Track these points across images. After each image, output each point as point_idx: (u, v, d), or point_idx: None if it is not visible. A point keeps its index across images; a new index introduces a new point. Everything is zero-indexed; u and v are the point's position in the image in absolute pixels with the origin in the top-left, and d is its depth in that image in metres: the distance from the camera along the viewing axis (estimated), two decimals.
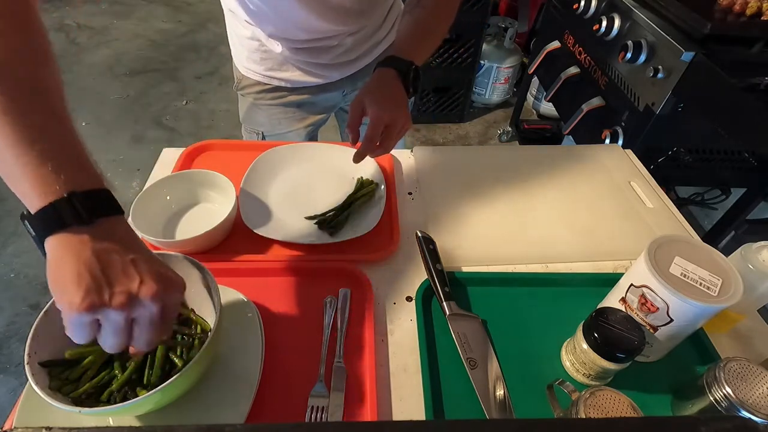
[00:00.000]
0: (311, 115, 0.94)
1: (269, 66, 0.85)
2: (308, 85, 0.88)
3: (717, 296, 0.46)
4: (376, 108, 0.62)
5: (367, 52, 0.88)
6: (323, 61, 0.84)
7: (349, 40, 0.83)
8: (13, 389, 1.33)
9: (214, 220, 0.61)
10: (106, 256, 0.34)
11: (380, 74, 0.66)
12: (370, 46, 0.88)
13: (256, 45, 0.83)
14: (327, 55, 0.84)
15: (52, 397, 0.39)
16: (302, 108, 0.92)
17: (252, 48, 0.84)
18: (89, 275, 0.33)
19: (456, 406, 0.50)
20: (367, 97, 0.64)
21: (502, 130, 2.36)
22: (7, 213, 1.80)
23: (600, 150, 0.91)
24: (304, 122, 0.94)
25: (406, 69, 0.66)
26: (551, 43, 1.67)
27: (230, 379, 0.49)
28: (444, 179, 0.79)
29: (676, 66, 1.07)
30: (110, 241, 0.35)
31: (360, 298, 0.59)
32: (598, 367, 0.49)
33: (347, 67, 0.88)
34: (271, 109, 0.91)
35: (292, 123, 0.93)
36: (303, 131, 0.95)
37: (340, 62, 0.86)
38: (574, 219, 0.74)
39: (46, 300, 0.43)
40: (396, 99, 0.64)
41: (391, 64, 0.66)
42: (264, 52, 0.84)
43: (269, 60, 0.85)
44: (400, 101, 0.65)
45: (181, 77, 2.67)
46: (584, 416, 0.42)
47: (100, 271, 0.33)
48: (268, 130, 0.94)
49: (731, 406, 0.43)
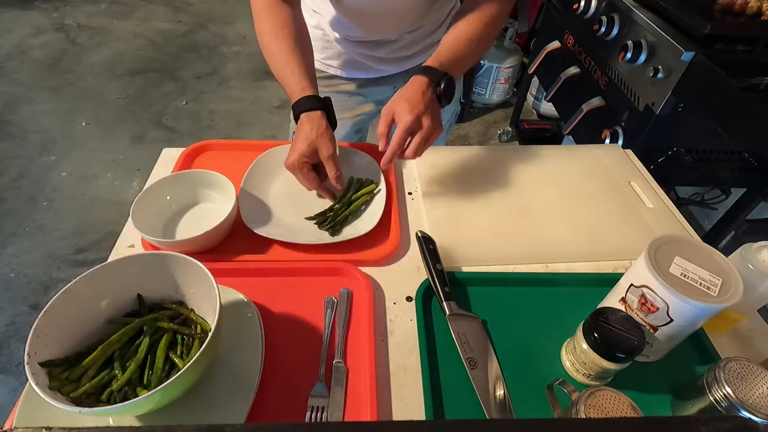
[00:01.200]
0: (360, 105, 0.98)
1: (328, 54, 0.90)
2: (362, 77, 0.93)
3: (717, 296, 0.46)
4: (404, 113, 0.64)
5: (421, 51, 0.91)
6: (380, 54, 0.88)
7: (406, 37, 0.86)
8: (13, 389, 1.33)
9: (214, 220, 0.61)
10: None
11: (413, 82, 0.68)
12: (426, 45, 0.91)
13: (320, 34, 0.88)
14: (383, 49, 0.88)
15: (52, 397, 0.39)
16: (353, 98, 0.96)
17: (316, 36, 0.87)
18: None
19: (456, 406, 0.50)
20: (398, 102, 0.65)
21: (502, 130, 2.36)
22: (7, 213, 1.80)
23: (600, 150, 0.91)
24: (352, 112, 0.98)
25: (438, 79, 0.67)
26: (551, 43, 1.67)
27: (230, 379, 0.49)
28: (444, 179, 0.79)
29: (676, 66, 1.07)
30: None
31: (360, 298, 0.59)
32: (598, 367, 0.49)
33: (402, 62, 0.92)
34: (324, 95, 0.95)
35: (341, 112, 0.96)
36: (350, 121, 0.99)
37: (396, 57, 0.90)
38: (574, 219, 0.74)
39: (46, 300, 0.43)
40: (427, 106, 0.65)
41: (426, 73, 0.68)
42: (326, 41, 0.89)
43: (329, 49, 0.90)
44: (431, 108, 0.66)
45: (181, 77, 2.67)
46: (584, 416, 0.42)
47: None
48: None
49: (731, 406, 0.43)
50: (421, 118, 0.64)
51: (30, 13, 3.12)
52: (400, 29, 0.84)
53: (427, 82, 0.67)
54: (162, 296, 0.52)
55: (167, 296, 0.52)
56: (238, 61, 2.83)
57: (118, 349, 0.47)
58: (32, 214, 1.81)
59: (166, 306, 0.52)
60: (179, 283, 0.51)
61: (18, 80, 2.51)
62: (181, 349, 0.48)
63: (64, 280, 1.59)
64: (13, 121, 2.24)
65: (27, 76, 2.55)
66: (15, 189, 1.91)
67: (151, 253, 0.51)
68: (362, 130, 1.05)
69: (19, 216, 1.80)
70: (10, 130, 2.18)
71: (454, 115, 1.11)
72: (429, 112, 0.65)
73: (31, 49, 2.77)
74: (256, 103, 2.52)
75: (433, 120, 0.65)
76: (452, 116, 1.10)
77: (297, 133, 0.68)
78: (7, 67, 2.60)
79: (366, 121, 1.03)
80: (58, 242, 1.72)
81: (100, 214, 1.83)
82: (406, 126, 0.63)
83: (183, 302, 0.52)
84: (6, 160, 2.03)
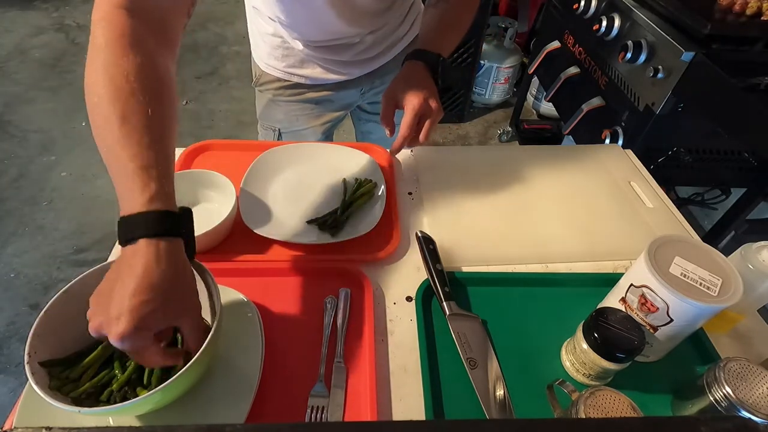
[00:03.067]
0: (329, 112, 0.95)
1: (290, 63, 0.86)
2: (327, 82, 0.89)
3: (717, 296, 0.46)
4: (411, 96, 0.63)
5: (386, 50, 0.90)
6: (343, 58, 0.86)
7: (369, 38, 0.84)
8: (13, 389, 1.33)
9: (214, 220, 0.60)
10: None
11: (409, 66, 0.67)
12: (390, 44, 0.89)
13: (278, 42, 0.84)
14: (347, 52, 0.85)
15: (52, 396, 0.39)
16: (320, 105, 0.93)
17: (274, 44, 0.85)
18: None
19: (456, 406, 0.50)
20: (399, 87, 0.64)
21: (502, 130, 2.36)
22: (7, 213, 1.80)
23: (600, 150, 0.91)
24: (321, 119, 0.95)
25: (434, 62, 0.67)
26: (551, 43, 1.67)
27: (230, 379, 0.49)
28: (444, 179, 0.79)
29: (676, 66, 1.07)
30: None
31: (360, 298, 0.59)
32: (598, 367, 0.49)
33: (367, 64, 0.89)
34: (290, 105, 0.92)
35: (310, 120, 0.94)
36: (319, 128, 0.96)
37: (360, 59, 0.88)
38: (574, 219, 0.74)
39: (46, 300, 0.43)
40: (428, 89, 0.65)
41: (420, 57, 0.67)
42: (286, 48, 0.85)
43: (290, 57, 0.86)
44: (431, 91, 0.65)
45: (181, 77, 2.66)
46: (584, 416, 0.42)
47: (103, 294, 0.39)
48: (285, 126, 0.95)
49: (731, 406, 0.43)
50: (428, 100, 0.64)
51: (30, 13, 3.12)
52: (361, 29, 0.81)
53: (423, 65, 0.66)
54: None
55: None
56: (238, 61, 2.83)
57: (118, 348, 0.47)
58: (32, 214, 1.81)
59: None
60: None
61: (18, 80, 2.51)
62: None
63: (64, 280, 1.59)
64: (13, 121, 2.24)
65: (27, 76, 2.55)
66: (15, 189, 1.91)
67: None
68: (330, 136, 1.02)
69: (19, 216, 1.80)
70: (10, 130, 2.18)
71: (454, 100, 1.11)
72: (431, 95, 0.65)
73: (31, 49, 2.77)
74: None
75: (436, 103, 0.65)
76: None
77: (127, 270, 0.38)
78: (7, 67, 2.60)
79: (334, 126, 1.00)
80: (58, 242, 1.72)
81: (100, 214, 1.83)
82: (416, 110, 0.62)
83: None
84: (6, 160, 2.03)
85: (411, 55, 0.68)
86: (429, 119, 0.64)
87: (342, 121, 1.01)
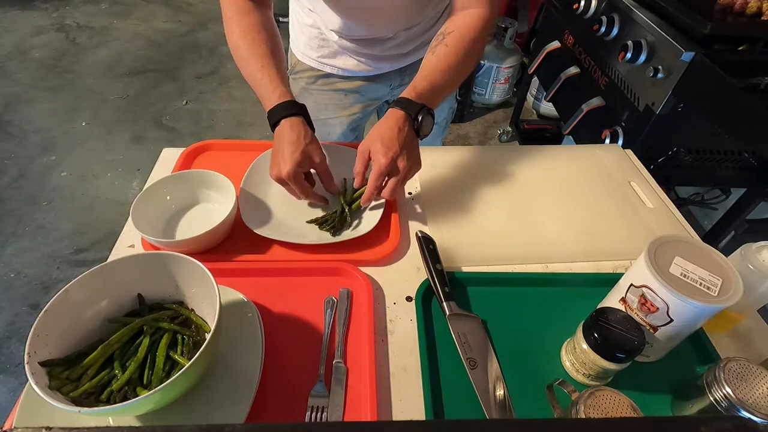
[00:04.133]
0: (357, 104, 0.98)
1: (324, 53, 0.90)
2: (358, 75, 0.92)
3: (717, 296, 0.46)
4: (379, 155, 0.63)
5: (419, 48, 0.91)
6: (376, 52, 0.88)
7: (402, 34, 0.86)
8: (13, 389, 1.33)
9: (214, 220, 0.61)
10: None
11: (389, 117, 0.65)
12: (423, 41, 0.90)
13: (316, 32, 0.88)
14: (380, 47, 0.87)
15: (52, 396, 0.39)
16: (349, 96, 0.96)
17: (312, 35, 0.89)
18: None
19: (456, 406, 0.50)
20: (373, 144, 0.64)
21: (502, 130, 2.36)
22: (7, 213, 1.80)
23: (600, 150, 0.91)
24: (348, 110, 0.98)
25: (415, 113, 0.65)
26: (551, 43, 1.67)
27: (230, 379, 0.49)
28: (444, 179, 0.79)
29: (676, 66, 1.07)
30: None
31: (360, 298, 0.59)
32: (598, 367, 0.49)
33: (398, 60, 0.92)
34: (320, 95, 0.95)
35: (338, 110, 0.97)
36: (346, 119, 0.98)
37: (392, 55, 0.90)
38: (574, 219, 0.74)
39: (46, 300, 0.43)
40: (403, 144, 0.64)
41: (402, 106, 0.65)
42: (322, 40, 0.88)
43: (325, 47, 0.89)
44: (408, 145, 0.64)
45: (181, 77, 2.67)
46: (584, 416, 0.42)
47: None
48: (314, 114, 0.95)
49: (731, 406, 0.43)
50: (396, 160, 0.63)
51: (30, 13, 3.12)
52: (396, 27, 0.84)
53: (404, 117, 0.64)
54: (162, 296, 0.52)
55: (167, 296, 0.52)
56: None
57: (118, 348, 0.47)
58: (32, 214, 1.81)
59: (166, 306, 0.52)
60: (179, 283, 0.51)
61: (18, 80, 2.51)
62: (181, 349, 0.48)
63: (64, 280, 1.59)
64: (13, 121, 2.24)
65: (27, 76, 2.55)
66: (15, 189, 1.91)
67: (151, 253, 0.51)
68: (358, 129, 1.04)
69: (19, 216, 1.80)
70: (10, 130, 2.18)
71: (450, 112, 1.10)
72: (404, 152, 0.63)
73: (31, 49, 2.77)
74: (256, 103, 2.49)
75: (409, 159, 0.64)
76: (449, 113, 1.10)
77: (279, 140, 0.65)
78: (7, 67, 2.60)
79: (362, 119, 1.02)
80: (58, 242, 1.72)
81: (100, 214, 1.83)
82: (381, 169, 0.62)
83: (183, 302, 0.52)
84: (6, 160, 2.03)
85: (395, 102, 0.66)
86: (394, 178, 0.64)
87: (371, 115, 1.04)
